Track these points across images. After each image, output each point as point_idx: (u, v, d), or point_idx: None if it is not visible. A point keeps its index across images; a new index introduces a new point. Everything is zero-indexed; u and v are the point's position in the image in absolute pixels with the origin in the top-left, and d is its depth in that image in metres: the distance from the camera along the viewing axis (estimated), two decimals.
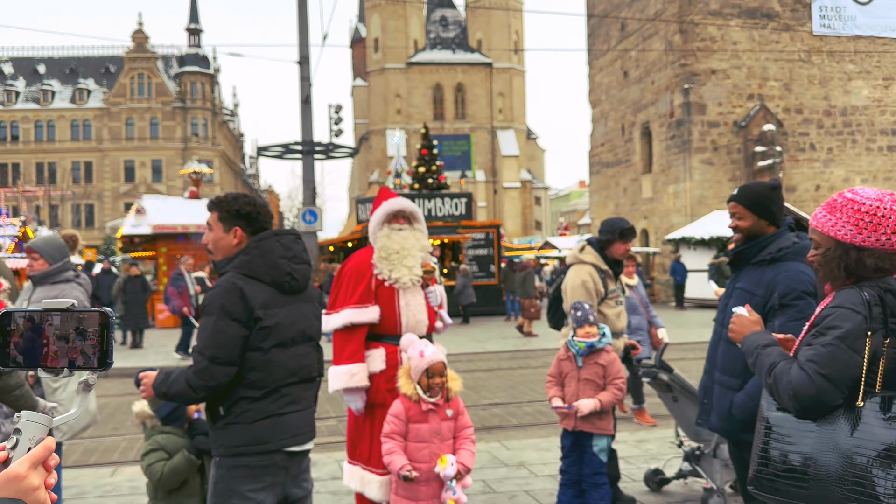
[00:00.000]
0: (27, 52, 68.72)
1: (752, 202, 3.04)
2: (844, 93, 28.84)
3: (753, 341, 2.18)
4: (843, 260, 2.03)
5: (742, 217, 3.05)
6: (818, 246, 2.12)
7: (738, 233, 3.07)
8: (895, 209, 2.03)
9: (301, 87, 17.37)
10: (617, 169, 33.95)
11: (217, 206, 2.83)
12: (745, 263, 3.07)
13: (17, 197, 44.97)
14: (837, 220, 2.06)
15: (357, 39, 73.87)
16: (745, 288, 3.00)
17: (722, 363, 3.07)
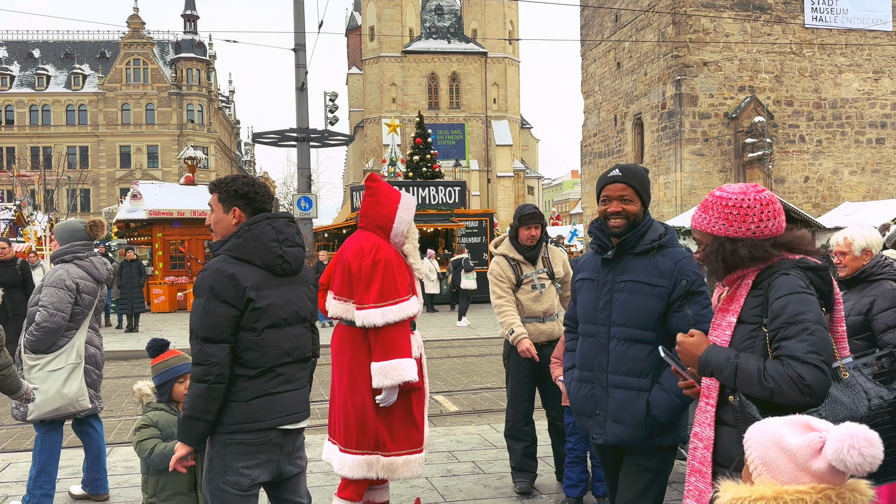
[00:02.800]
0: (22, 35, 68.39)
1: (640, 185, 2.80)
2: (835, 85, 29.11)
3: (720, 355, 2.08)
4: (720, 252, 2.15)
5: (631, 200, 2.77)
6: (699, 243, 2.23)
7: (620, 218, 2.76)
8: (758, 199, 2.19)
9: (297, 75, 17.53)
10: (609, 159, 34.20)
11: (217, 188, 2.90)
12: (624, 253, 2.79)
13: (12, 181, 44.94)
14: (710, 217, 2.19)
15: (352, 28, 73.68)
16: (639, 279, 2.74)
17: (618, 365, 2.76)
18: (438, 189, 23.87)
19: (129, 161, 65.91)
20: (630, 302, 2.75)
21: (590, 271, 2.92)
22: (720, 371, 2.07)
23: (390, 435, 3.71)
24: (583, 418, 2.90)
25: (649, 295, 2.72)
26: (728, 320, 2.18)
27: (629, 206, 2.77)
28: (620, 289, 2.77)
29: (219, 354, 2.66)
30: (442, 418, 7.61)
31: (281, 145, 19.05)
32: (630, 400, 2.73)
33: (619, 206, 2.77)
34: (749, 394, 2.02)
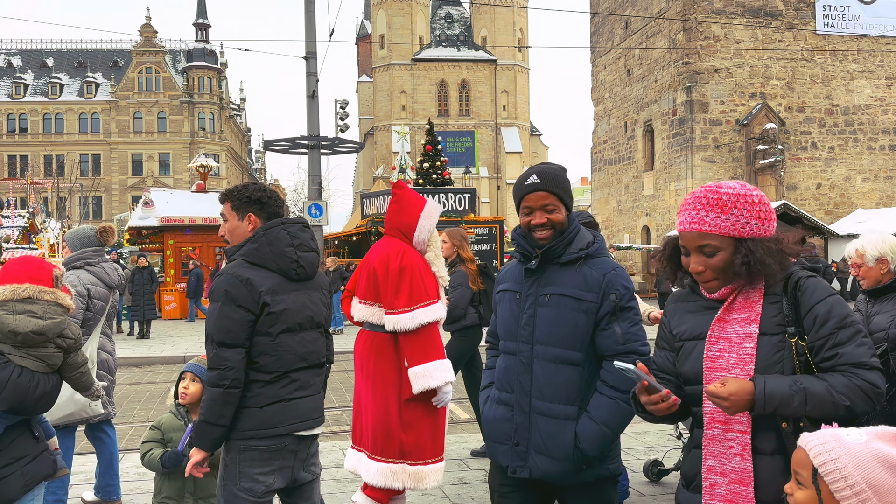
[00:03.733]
0: (36, 45, 69.13)
1: (563, 190, 2.49)
2: (847, 92, 28.97)
3: (780, 386, 1.78)
4: (752, 257, 1.89)
5: (556, 208, 2.46)
6: (716, 251, 1.92)
7: (546, 229, 2.46)
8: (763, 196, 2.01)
9: (307, 83, 17.60)
10: (619, 166, 34.13)
11: (228, 196, 2.90)
12: (549, 263, 2.48)
13: (25, 189, 45.34)
14: (734, 217, 1.92)
15: (363, 36, 74.01)
16: (565, 293, 2.42)
17: (544, 389, 2.42)
18: (448, 196, 23.86)
19: (140, 169, 66.37)
20: (556, 318, 2.43)
21: (512, 282, 2.59)
22: (788, 404, 1.77)
23: (416, 443, 3.65)
24: (496, 445, 2.52)
25: (576, 310, 2.41)
26: (747, 331, 1.89)
27: (554, 216, 2.47)
28: (545, 303, 2.45)
29: (234, 359, 2.66)
30: (453, 426, 7.58)
31: (292, 153, 19.11)
32: (556, 430, 2.39)
33: (544, 216, 2.46)
34: (819, 417, 1.77)
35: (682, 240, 2.00)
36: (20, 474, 2.48)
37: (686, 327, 2.04)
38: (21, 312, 2.46)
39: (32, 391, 2.42)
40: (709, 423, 1.92)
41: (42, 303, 2.52)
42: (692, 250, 1.96)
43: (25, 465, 2.51)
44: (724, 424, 1.90)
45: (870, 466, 1.27)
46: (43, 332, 2.46)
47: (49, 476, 2.65)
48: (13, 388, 2.37)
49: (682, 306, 2.09)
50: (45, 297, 2.54)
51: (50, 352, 2.52)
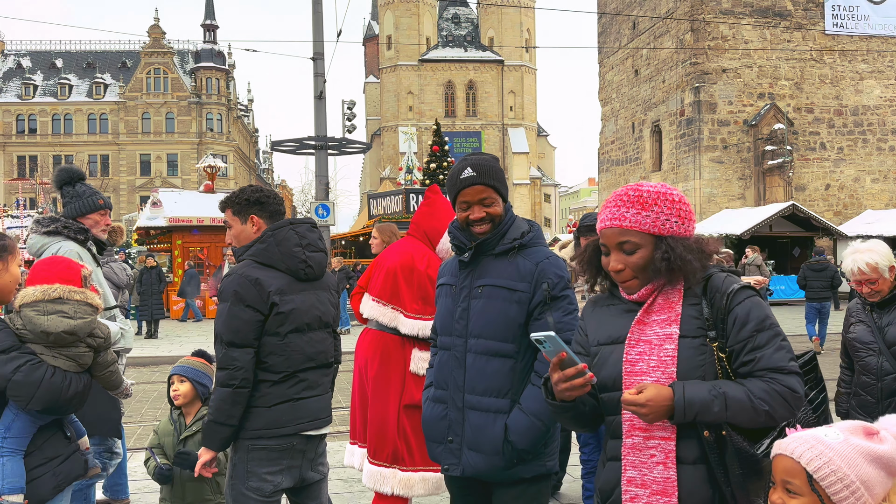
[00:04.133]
0: (45, 46, 69.49)
1: (499, 182, 2.45)
2: (856, 92, 28.83)
3: (699, 392, 1.73)
4: (671, 255, 1.83)
5: (494, 202, 2.43)
6: (636, 248, 1.86)
7: (485, 224, 2.43)
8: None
9: (315, 84, 17.63)
10: (627, 167, 34.07)
11: (228, 203, 2.94)
12: (483, 254, 2.45)
13: (35, 189, 45.59)
14: (654, 214, 1.86)
15: (370, 37, 74.12)
16: (498, 283, 2.38)
17: (475, 383, 2.37)
18: None
19: (149, 169, 66.64)
20: (488, 309, 2.39)
21: (449, 275, 2.55)
22: (708, 410, 1.70)
23: (410, 450, 3.63)
24: (434, 444, 2.48)
25: (508, 301, 2.37)
26: (668, 332, 1.81)
27: (492, 209, 2.43)
28: (478, 295, 2.41)
29: (243, 359, 2.68)
30: None
31: (299, 153, 19.15)
32: (487, 424, 2.34)
33: (482, 210, 2.42)
34: (738, 424, 1.74)
35: (602, 238, 1.92)
36: (52, 474, 2.50)
37: (604, 331, 1.95)
38: (52, 313, 2.49)
39: (65, 391, 2.44)
40: (628, 431, 1.83)
41: (72, 303, 2.55)
42: (612, 248, 1.89)
43: (58, 465, 2.53)
44: (646, 432, 1.80)
45: (857, 463, 1.31)
46: (74, 332, 2.49)
47: (80, 476, 2.67)
48: (47, 388, 2.39)
49: (600, 310, 2.01)
50: (74, 297, 2.56)
51: (81, 351, 2.55)
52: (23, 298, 2.53)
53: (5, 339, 2.44)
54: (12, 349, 2.42)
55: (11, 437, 2.44)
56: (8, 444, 2.43)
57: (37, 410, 2.44)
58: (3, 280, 2.57)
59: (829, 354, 12.35)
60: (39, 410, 2.44)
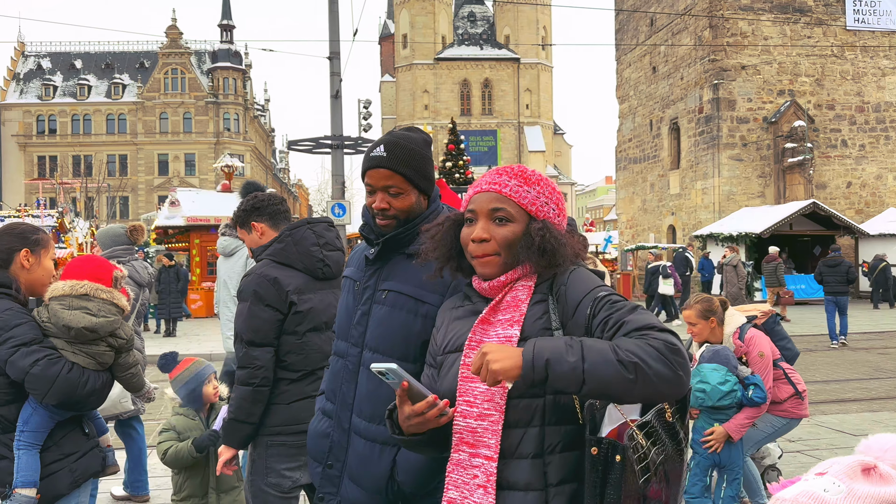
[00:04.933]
0: (65, 47, 70.26)
1: (414, 170, 2.03)
2: (878, 88, 28.43)
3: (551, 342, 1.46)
4: (545, 237, 1.64)
5: (402, 192, 2.02)
6: (509, 219, 1.67)
7: (387, 218, 2.03)
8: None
9: (331, 83, 17.64)
10: (644, 165, 33.83)
11: (233, 221, 3.18)
12: (393, 252, 2.07)
13: (55, 189, 46.08)
14: (536, 193, 1.71)
15: (386, 36, 74.20)
16: (404, 290, 2.01)
17: (364, 404, 2.01)
18: None
19: (167, 169, 67.16)
20: (389, 320, 2.01)
21: (355, 268, 2.18)
22: (562, 360, 1.41)
23: None
24: (313, 464, 2.14)
25: (414, 313, 1.98)
26: (509, 334, 1.59)
27: (398, 201, 2.01)
28: (381, 300, 2.04)
29: (263, 358, 2.72)
30: None
31: (315, 152, 19.19)
32: (372, 456, 1.97)
33: (385, 200, 2.01)
34: (604, 389, 1.40)
35: (472, 203, 1.70)
36: (69, 470, 2.52)
37: (451, 337, 1.72)
38: (76, 308, 2.52)
39: (82, 387, 2.45)
40: (456, 445, 1.60)
41: (98, 301, 2.58)
42: (482, 215, 1.67)
43: (75, 461, 2.55)
44: (472, 448, 1.57)
45: None
46: (95, 329, 2.51)
47: (98, 473, 2.69)
48: (63, 383, 2.40)
49: (451, 313, 1.78)
50: (100, 296, 2.59)
51: (101, 350, 2.56)
52: (52, 292, 2.58)
53: (28, 332, 2.45)
54: (34, 342, 2.44)
55: (29, 430, 2.45)
56: (25, 438, 2.44)
57: (53, 405, 2.45)
58: (36, 274, 2.62)
59: (849, 349, 12.35)
60: (55, 405, 2.45)
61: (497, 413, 1.56)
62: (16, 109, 66.94)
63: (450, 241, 1.75)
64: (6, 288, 2.53)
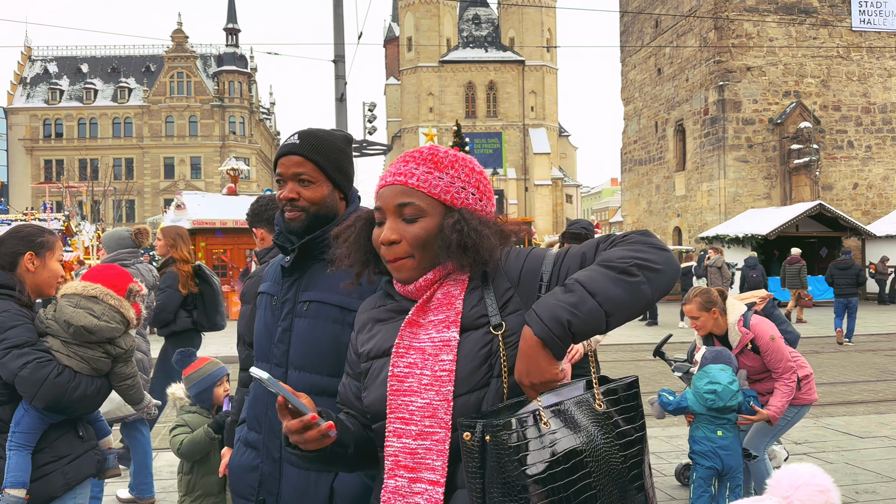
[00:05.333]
0: (71, 51, 70.58)
1: (329, 159, 1.89)
2: (884, 89, 28.33)
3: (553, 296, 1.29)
4: (464, 229, 1.43)
5: (313, 182, 1.87)
6: (420, 215, 1.44)
7: (296, 209, 1.88)
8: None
9: (336, 86, 17.67)
10: (650, 166, 33.77)
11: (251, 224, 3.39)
12: (314, 259, 1.90)
13: (61, 192, 46.27)
14: (449, 179, 1.48)
15: (390, 39, 74.28)
16: (328, 300, 1.84)
17: None
18: None
19: (172, 172, 67.37)
20: (314, 334, 1.84)
21: (272, 281, 1.99)
22: (575, 312, 1.25)
23: None
24: (241, 501, 1.95)
25: (340, 323, 1.82)
26: (445, 337, 1.39)
27: (308, 191, 1.86)
28: (303, 312, 1.86)
29: None
30: None
31: None
32: (308, 485, 1.80)
33: (294, 189, 1.86)
34: (625, 310, 1.28)
35: (379, 198, 1.48)
36: (61, 472, 2.52)
37: (374, 341, 1.51)
38: (81, 307, 2.54)
39: (71, 392, 2.45)
40: (391, 469, 1.39)
41: (104, 305, 2.58)
42: (389, 213, 1.45)
43: (67, 463, 2.54)
44: (412, 472, 1.37)
45: None
46: (92, 331, 2.51)
47: (93, 476, 2.68)
48: (50, 387, 2.40)
49: (372, 314, 1.57)
50: (108, 301, 2.60)
51: (97, 355, 2.56)
52: (64, 290, 2.60)
53: (22, 335, 2.46)
54: (26, 345, 2.44)
55: (20, 431, 2.46)
56: (16, 439, 2.45)
57: (41, 408, 2.45)
58: (41, 276, 2.63)
59: (854, 349, 12.29)
60: (44, 408, 2.45)
61: (442, 430, 1.34)
62: (23, 113, 67.27)
63: (364, 244, 1.55)
64: (8, 289, 2.55)
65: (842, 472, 5.28)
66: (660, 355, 4.77)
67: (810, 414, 7.34)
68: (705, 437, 3.85)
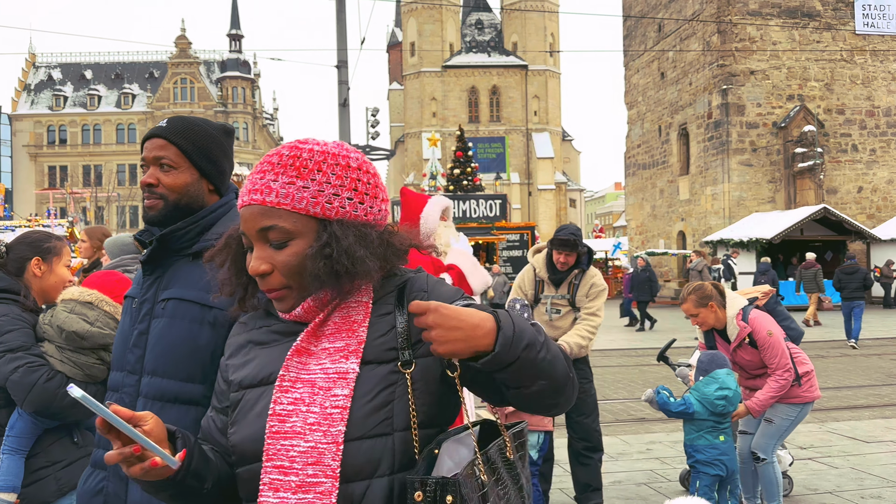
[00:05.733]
0: (75, 58, 70.87)
1: (196, 147, 1.73)
2: (888, 93, 28.26)
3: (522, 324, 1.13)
4: (345, 247, 1.21)
5: (175, 167, 1.72)
6: (288, 238, 1.22)
7: (154, 197, 1.72)
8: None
9: (339, 91, 17.69)
10: (653, 171, 33.72)
11: None
12: (176, 254, 1.72)
13: (65, 198, 46.39)
14: (318, 186, 1.23)
15: (393, 44, 74.43)
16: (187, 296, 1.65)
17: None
18: (479, 202, 23.83)
19: None
20: (169, 334, 1.65)
21: (135, 285, 1.81)
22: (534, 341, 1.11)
23: None
24: None
25: (199, 322, 1.63)
26: (343, 368, 1.17)
27: (169, 177, 1.70)
28: (160, 312, 1.67)
29: None
30: None
31: None
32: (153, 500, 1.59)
33: (154, 175, 1.71)
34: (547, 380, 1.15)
35: (241, 221, 1.26)
36: (54, 478, 2.52)
37: (250, 369, 1.27)
38: (76, 313, 2.53)
39: (61, 398, 2.43)
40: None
41: (98, 311, 2.57)
42: (254, 239, 1.24)
43: (61, 469, 2.54)
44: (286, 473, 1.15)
45: None
46: (84, 337, 2.50)
47: None
48: (39, 392, 2.39)
49: (251, 336, 1.33)
50: (104, 307, 2.58)
51: (90, 361, 2.54)
52: (63, 295, 2.61)
53: (17, 339, 2.46)
54: (20, 349, 2.44)
55: (13, 436, 2.46)
56: (9, 443, 2.45)
57: (32, 412, 2.45)
58: (49, 281, 2.66)
59: (860, 353, 12.22)
60: (34, 412, 2.45)
61: (328, 480, 1.12)
62: (27, 120, 67.54)
63: (242, 267, 1.30)
64: (12, 294, 2.56)
65: (847, 476, 5.23)
66: (664, 360, 4.74)
67: (816, 418, 7.28)
68: (709, 444, 3.78)
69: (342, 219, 1.23)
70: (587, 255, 4.49)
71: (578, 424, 4.45)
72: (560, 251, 4.40)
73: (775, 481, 4.15)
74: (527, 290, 4.58)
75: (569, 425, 4.54)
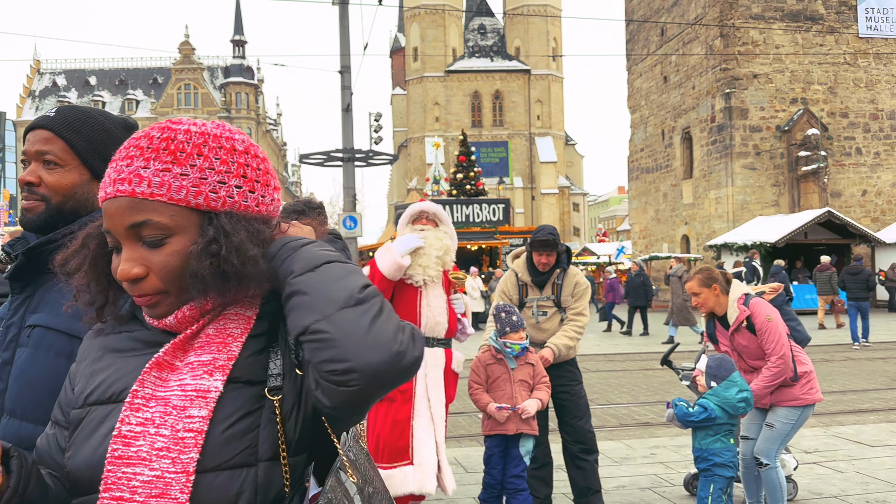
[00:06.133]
0: (79, 64, 71.19)
1: (86, 141, 1.50)
2: (892, 96, 28.21)
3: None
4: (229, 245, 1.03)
5: (60, 164, 1.47)
6: (165, 235, 1.03)
7: (34, 198, 1.48)
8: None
9: (342, 96, 17.72)
10: (657, 174, 33.70)
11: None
12: (48, 274, 1.33)
13: None
14: (200, 172, 1.05)
15: (396, 49, 74.60)
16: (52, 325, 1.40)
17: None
18: (482, 207, 23.86)
19: None
20: (32, 368, 1.40)
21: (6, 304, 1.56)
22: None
23: (375, 447, 3.69)
24: None
25: (67, 357, 1.35)
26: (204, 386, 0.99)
27: (52, 176, 1.46)
28: (25, 341, 1.42)
29: None
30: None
31: (327, 165, 19.26)
32: None
33: (35, 173, 1.46)
34: None
35: (105, 216, 1.05)
36: None
37: (101, 379, 1.08)
38: None
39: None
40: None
41: None
42: (121, 236, 1.04)
43: None
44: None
45: None
46: None
47: None
48: None
49: (108, 341, 1.13)
50: None
51: None
52: None
53: None
54: None
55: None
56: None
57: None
58: None
59: (865, 357, 12.18)
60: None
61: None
62: None
63: (103, 270, 1.11)
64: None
65: (852, 481, 5.20)
66: (667, 364, 4.72)
67: (820, 423, 7.25)
68: (725, 447, 3.76)
69: (230, 210, 1.05)
70: (566, 255, 4.51)
71: (572, 427, 4.43)
72: (540, 252, 4.40)
73: (779, 486, 4.13)
74: (511, 294, 4.57)
75: (562, 429, 4.52)
